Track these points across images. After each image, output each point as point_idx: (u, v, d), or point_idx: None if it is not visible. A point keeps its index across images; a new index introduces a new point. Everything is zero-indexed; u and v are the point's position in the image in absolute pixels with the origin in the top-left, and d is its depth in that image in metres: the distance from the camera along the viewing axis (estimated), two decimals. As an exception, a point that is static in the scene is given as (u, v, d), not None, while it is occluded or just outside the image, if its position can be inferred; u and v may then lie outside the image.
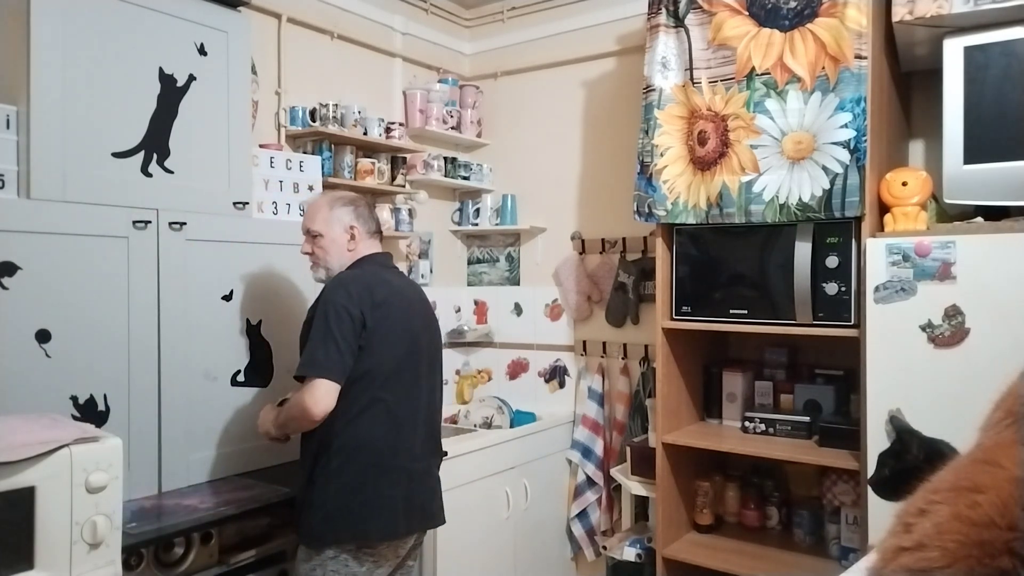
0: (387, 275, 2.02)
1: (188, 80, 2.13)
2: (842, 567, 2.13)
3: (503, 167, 3.64)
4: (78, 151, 1.89)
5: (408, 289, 2.07)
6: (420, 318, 2.04)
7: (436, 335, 2.12)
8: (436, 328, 2.13)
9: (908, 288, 1.97)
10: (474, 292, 3.72)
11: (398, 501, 1.88)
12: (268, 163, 2.45)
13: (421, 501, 1.96)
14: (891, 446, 1.98)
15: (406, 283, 2.11)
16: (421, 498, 1.96)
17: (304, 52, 2.95)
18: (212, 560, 1.90)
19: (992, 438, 0.71)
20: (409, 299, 2.02)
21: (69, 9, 1.87)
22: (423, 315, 2.07)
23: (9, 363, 1.73)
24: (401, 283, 2.06)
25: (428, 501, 2.00)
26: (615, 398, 3.24)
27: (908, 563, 0.62)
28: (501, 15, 3.63)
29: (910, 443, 1.94)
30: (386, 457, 1.89)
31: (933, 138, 2.45)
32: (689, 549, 2.54)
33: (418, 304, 2.06)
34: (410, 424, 1.95)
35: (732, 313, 2.41)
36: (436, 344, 2.11)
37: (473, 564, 2.79)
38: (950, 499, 0.64)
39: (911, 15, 2.02)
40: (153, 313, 2.01)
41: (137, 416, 1.97)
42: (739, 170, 2.31)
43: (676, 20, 2.42)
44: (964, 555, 0.59)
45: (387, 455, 1.89)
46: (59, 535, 1.39)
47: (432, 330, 2.10)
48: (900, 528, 0.66)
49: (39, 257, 1.79)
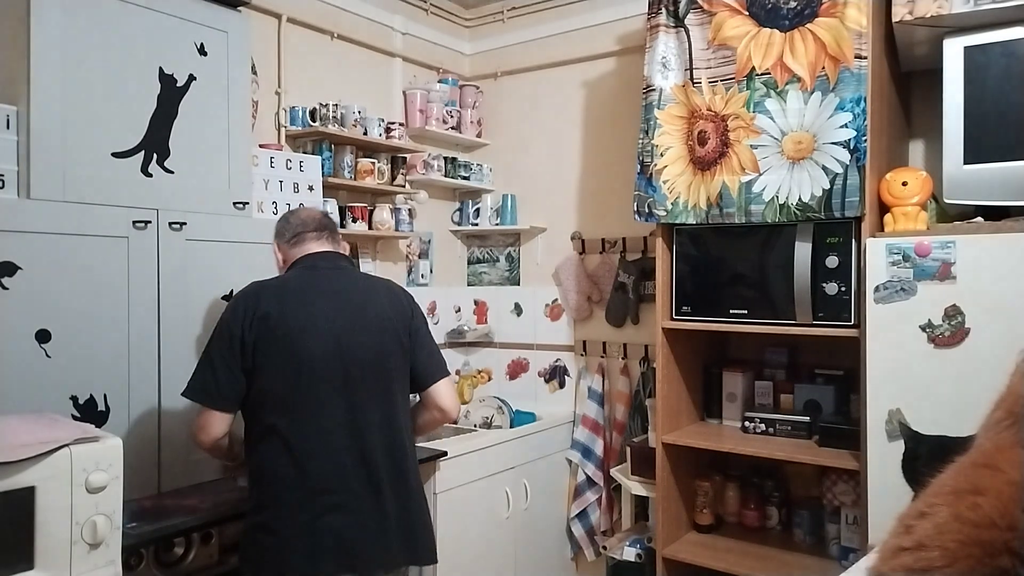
0: (306, 277, 1.82)
1: (188, 80, 2.13)
2: (842, 567, 2.13)
3: (503, 167, 3.64)
4: (78, 151, 1.89)
5: (343, 290, 1.82)
6: (352, 323, 1.77)
7: (391, 339, 1.82)
8: (393, 331, 1.83)
9: (908, 288, 1.97)
10: (474, 292, 3.72)
11: (301, 540, 1.66)
12: (268, 163, 2.45)
13: (352, 540, 1.69)
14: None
15: (343, 283, 1.85)
16: (352, 536, 1.70)
17: (304, 52, 2.95)
18: (212, 560, 1.90)
19: (992, 440, 0.71)
20: (337, 303, 1.78)
21: (69, 9, 1.87)
22: (362, 319, 1.79)
23: (9, 363, 1.73)
24: (331, 284, 1.82)
25: (371, 540, 1.71)
26: (615, 398, 3.24)
27: (908, 563, 0.62)
28: (501, 15, 3.63)
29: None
30: (288, 490, 1.68)
31: (933, 138, 2.45)
32: (689, 549, 2.54)
33: (355, 307, 1.80)
34: (320, 452, 1.70)
35: (732, 313, 2.41)
36: (387, 350, 1.80)
37: (473, 564, 2.79)
38: (950, 501, 0.64)
39: (911, 15, 2.02)
40: (153, 313, 2.01)
41: (137, 416, 1.97)
42: (739, 170, 2.31)
43: (676, 20, 2.42)
44: (964, 555, 0.59)
45: (289, 487, 1.68)
46: (59, 535, 1.39)
47: (382, 333, 1.80)
48: (901, 529, 0.66)
49: (39, 257, 1.79)
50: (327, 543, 1.68)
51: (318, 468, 1.70)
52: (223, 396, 1.72)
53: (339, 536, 1.69)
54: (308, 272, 1.85)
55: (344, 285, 1.85)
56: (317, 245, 1.90)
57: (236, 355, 1.71)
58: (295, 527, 1.67)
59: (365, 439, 1.75)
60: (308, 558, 1.67)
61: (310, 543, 1.67)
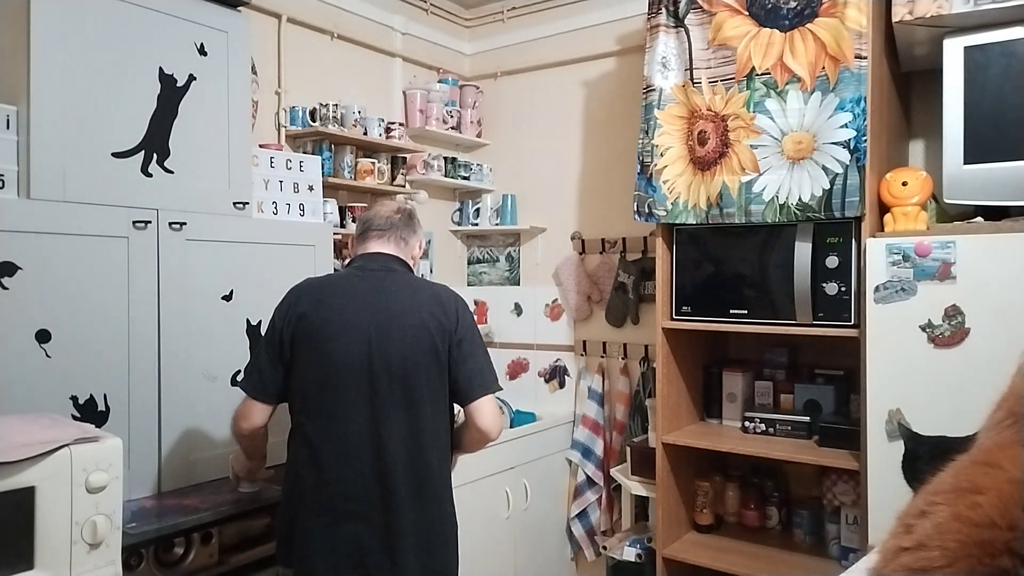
0: (351, 278, 1.80)
1: (188, 80, 2.13)
2: (842, 567, 2.13)
3: (503, 167, 3.64)
4: (78, 151, 1.89)
5: (384, 295, 1.76)
6: (384, 330, 1.71)
7: (425, 349, 1.73)
8: (429, 341, 1.73)
9: (908, 288, 1.97)
10: (474, 292, 3.72)
11: (318, 541, 1.68)
12: (268, 163, 2.45)
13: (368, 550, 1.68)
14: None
15: (386, 287, 1.78)
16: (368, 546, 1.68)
17: (304, 52, 2.95)
18: (212, 560, 1.90)
19: (992, 439, 0.71)
20: (374, 308, 1.73)
21: (69, 9, 1.87)
22: (397, 327, 1.72)
23: (9, 363, 1.73)
24: (374, 287, 1.77)
25: (385, 553, 1.68)
26: (615, 398, 3.24)
27: (908, 563, 0.62)
28: (501, 15, 3.63)
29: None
30: (310, 491, 1.70)
31: (933, 138, 2.45)
32: (689, 549, 2.54)
33: (392, 313, 1.73)
34: (341, 458, 1.69)
35: (732, 313, 2.41)
36: (417, 361, 1.72)
37: (473, 564, 2.78)
38: (950, 500, 0.64)
39: (911, 15, 2.02)
40: (153, 313, 2.01)
41: (137, 416, 1.97)
42: (739, 170, 2.31)
43: (676, 20, 2.42)
44: (964, 555, 0.59)
45: (311, 489, 1.70)
46: (59, 535, 1.39)
47: (416, 342, 1.72)
48: (901, 529, 0.66)
49: (39, 257, 1.79)
50: (344, 549, 1.68)
51: (337, 475, 1.69)
52: (264, 387, 1.76)
53: (356, 543, 1.68)
54: (356, 272, 1.82)
55: (387, 289, 1.78)
56: (378, 245, 1.85)
57: (276, 349, 1.74)
58: (317, 528, 1.69)
59: (386, 450, 1.70)
60: (325, 559, 1.68)
61: (329, 546, 1.68)
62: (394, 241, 1.87)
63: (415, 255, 1.93)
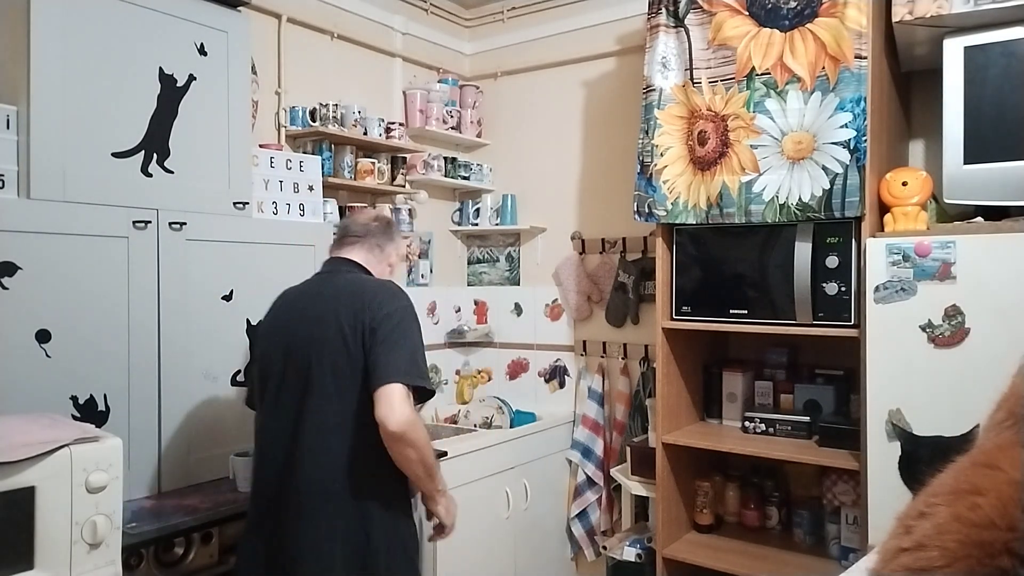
0: (308, 283, 1.84)
1: (188, 80, 2.13)
2: (842, 567, 2.13)
3: (503, 167, 3.64)
4: (78, 151, 1.89)
5: (320, 295, 1.76)
6: (297, 325, 1.72)
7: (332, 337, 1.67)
8: (337, 328, 1.67)
9: (908, 288, 1.97)
10: (474, 292, 3.72)
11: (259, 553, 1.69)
12: (268, 163, 2.45)
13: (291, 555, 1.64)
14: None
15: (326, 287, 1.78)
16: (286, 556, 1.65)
17: (304, 52, 2.95)
18: (212, 560, 1.90)
19: (992, 440, 0.71)
20: (304, 307, 1.75)
21: (69, 9, 1.87)
22: (308, 320, 1.71)
23: (9, 363, 1.73)
24: (318, 289, 1.78)
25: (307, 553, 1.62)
26: (615, 398, 3.24)
27: (908, 563, 0.62)
28: (501, 15, 3.63)
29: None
30: (253, 494, 1.75)
31: (933, 138, 2.45)
32: (689, 549, 2.54)
33: (314, 310, 1.72)
34: (265, 456, 1.70)
35: (732, 313, 2.40)
36: (323, 349, 1.67)
37: (473, 564, 2.79)
38: (950, 501, 0.64)
39: (911, 15, 2.02)
40: (153, 313, 2.01)
41: (137, 416, 1.97)
42: (739, 170, 2.31)
43: (676, 20, 2.42)
44: (964, 555, 0.59)
45: (253, 491, 1.76)
46: (59, 535, 1.39)
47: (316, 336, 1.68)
48: (900, 530, 0.66)
49: (39, 257, 1.79)
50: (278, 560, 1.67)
51: (261, 472, 1.75)
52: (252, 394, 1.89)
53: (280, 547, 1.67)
54: (314, 278, 1.87)
55: (322, 292, 1.77)
56: (347, 251, 1.86)
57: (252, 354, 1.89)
58: (249, 536, 1.75)
59: (299, 445, 1.67)
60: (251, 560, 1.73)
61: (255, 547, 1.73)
62: (367, 248, 1.87)
63: (392, 262, 1.94)
